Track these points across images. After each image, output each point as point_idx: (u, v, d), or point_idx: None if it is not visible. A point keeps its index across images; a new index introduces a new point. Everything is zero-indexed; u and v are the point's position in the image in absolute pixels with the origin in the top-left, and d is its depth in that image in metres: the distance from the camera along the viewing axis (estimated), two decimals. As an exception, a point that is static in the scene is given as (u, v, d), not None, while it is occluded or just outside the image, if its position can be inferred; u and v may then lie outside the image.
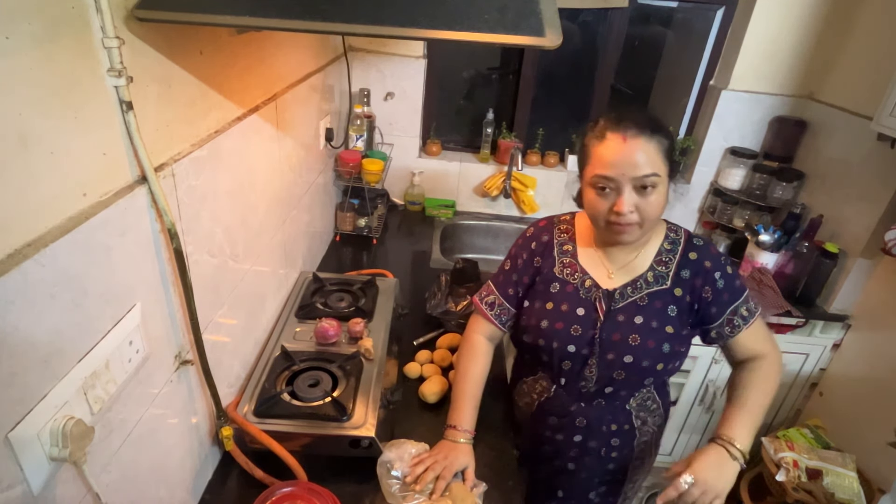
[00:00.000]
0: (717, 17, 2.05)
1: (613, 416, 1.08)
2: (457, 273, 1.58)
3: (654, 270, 1.03)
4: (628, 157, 0.90)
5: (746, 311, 1.02)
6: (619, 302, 1.02)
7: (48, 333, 0.55)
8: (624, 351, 1.00)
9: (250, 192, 1.08)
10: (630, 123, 0.91)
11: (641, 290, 1.02)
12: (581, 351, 1.03)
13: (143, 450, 0.76)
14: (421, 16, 0.59)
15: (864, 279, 1.82)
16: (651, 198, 0.92)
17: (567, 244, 1.09)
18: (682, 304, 1.01)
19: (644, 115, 0.93)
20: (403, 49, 2.01)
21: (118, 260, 0.65)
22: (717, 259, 1.02)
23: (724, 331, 1.03)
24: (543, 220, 1.15)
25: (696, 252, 1.02)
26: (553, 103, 2.30)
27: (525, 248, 1.12)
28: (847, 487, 1.63)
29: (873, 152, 1.72)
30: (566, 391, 1.08)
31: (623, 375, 1.02)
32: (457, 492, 0.96)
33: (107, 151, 0.62)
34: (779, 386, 1.04)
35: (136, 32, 0.65)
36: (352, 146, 1.89)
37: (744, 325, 1.02)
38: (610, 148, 0.91)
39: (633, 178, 0.91)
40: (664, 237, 1.05)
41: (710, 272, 1.00)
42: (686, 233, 1.06)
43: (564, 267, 1.07)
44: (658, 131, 0.91)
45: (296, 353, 1.18)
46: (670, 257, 1.03)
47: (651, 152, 0.90)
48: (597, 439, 1.10)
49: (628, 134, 0.90)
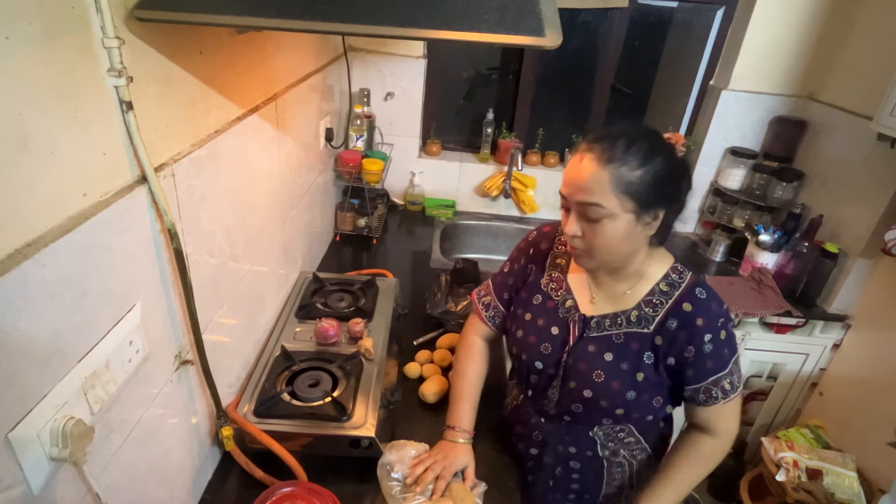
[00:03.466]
0: (717, 17, 2.05)
1: (574, 439, 1.04)
2: (457, 273, 1.58)
3: (640, 310, 0.94)
4: (576, 179, 0.84)
5: (729, 384, 0.92)
6: (594, 331, 0.96)
7: (48, 333, 0.55)
8: (585, 384, 0.95)
9: (250, 192, 1.08)
10: (599, 146, 0.83)
11: (621, 326, 0.95)
12: (548, 370, 1.00)
13: (143, 450, 0.76)
14: (420, 16, 0.59)
15: (864, 279, 1.82)
16: (598, 228, 0.85)
17: (561, 258, 1.04)
18: (659, 353, 0.92)
19: (625, 141, 0.82)
20: (403, 49, 2.01)
21: (118, 260, 0.65)
22: (714, 319, 0.90)
23: (699, 397, 0.94)
24: (548, 227, 1.09)
25: (692, 304, 0.90)
26: (553, 103, 2.31)
27: (524, 253, 1.10)
28: (847, 487, 1.63)
29: (873, 152, 1.71)
30: (532, 402, 1.08)
31: (581, 409, 0.98)
32: (457, 492, 0.96)
33: (107, 151, 0.62)
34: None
35: (136, 32, 0.65)
36: (352, 146, 1.89)
37: (722, 399, 0.93)
38: (569, 164, 0.87)
39: (576, 203, 0.86)
40: (663, 277, 0.94)
41: (700, 332, 0.89)
42: (692, 279, 0.93)
43: (551, 280, 1.03)
44: (625, 162, 0.81)
45: (296, 353, 1.18)
46: (661, 300, 0.93)
47: (601, 182, 0.82)
48: (552, 457, 1.06)
49: (587, 155, 0.83)
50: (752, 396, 2.09)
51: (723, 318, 0.91)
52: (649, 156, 0.82)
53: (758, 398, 2.09)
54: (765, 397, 2.08)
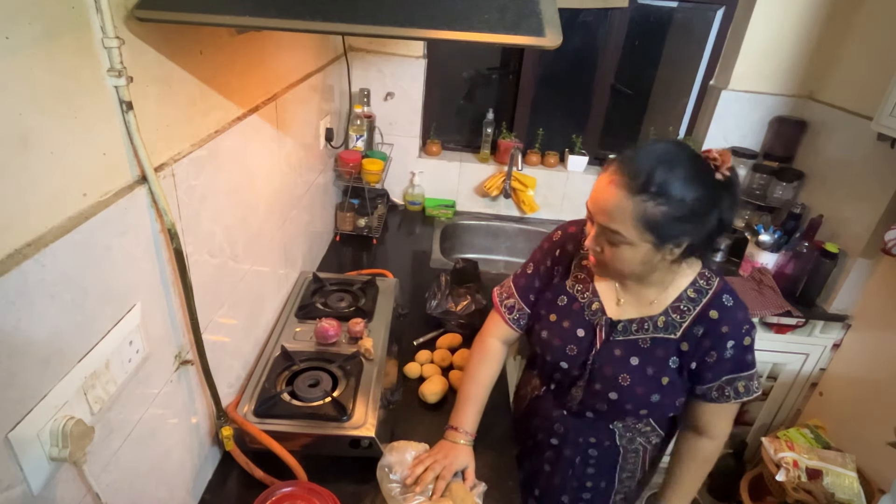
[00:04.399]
0: (717, 17, 2.05)
1: (594, 431, 1.07)
2: (457, 273, 1.58)
3: (667, 316, 0.94)
4: (600, 201, 0.85)
5: (744, 388, 0.94)
6: (620, 335, 0.97)
7: (48, 333, 0.55)
8: (611, 387, 0.97)
9: (250, 192, 1.08)
10: (628, 168, 0.81)
11: (647, 331, 0.96)
12: (572, 371, 1.02)
13: (143, 450, 0.76)
14: (420, 16, 0.59)
15: (864, 279, 1.82)
16: (616, 251, 0.86)
17: (587, 260, 1.01)
18: (685, 359, 0.94)
19: (659, 168, 0.79)
20: (403, 49, 2.01)
21: (118, 260, 0.65)
22: (739, 327, 0.91)
23: (712, 394, 0.96)
24: (573, 227, 1.06)
25: (719, 312, 0.91)
26: (553, 103, 2.30)
27: (549, 255, 1.08)
28: (847, 487, 1.63)
29: (873, 152, 1.71)
30: (554, 397, 1.10)
31: (605, 408, 1.01)
32: (457, 492, 0.96)
33: (107, 151, 0.62)
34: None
35: (136, 32, 0.65)
36: (352, 146, 1.89)
37: (734, 399, 0.95)
38: (598, 181, 0.86)
39: (599, 224, 0.86)
40: (691, 283, 0.94)
41: (724, 338, 0.91)
42: (720, 286, 0.94)
43: (577, 282, 1.03)
44: (652, 197, 0.79)
45: (296, 353, 1.18)
46: (689, 307, 0.93)
47: (624, 212, 0.81)
48: (572, 448, 1.10)
49: (615, 179, 0.82)
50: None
51: (747, 326, 0.92)
52: (682, 189, 0.79)
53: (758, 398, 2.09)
54: (765, 397, 2.08)
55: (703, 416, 1.00)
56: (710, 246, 0.90)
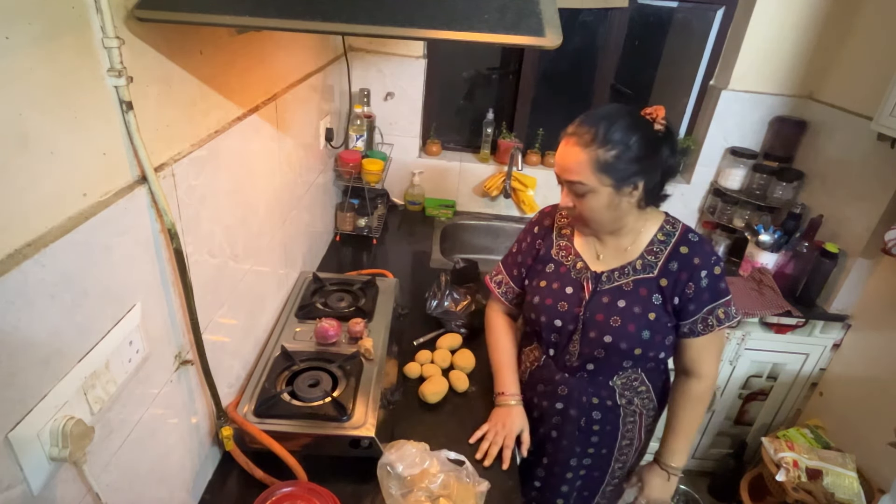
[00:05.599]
0: (717, 17, 2.05)
1: (595, 389, 1.14)
2: (457, 273, 1.58)
3: (643, 259, 1.07)
4: (563, 161, 0.99)
5: (724, 314, 1.05)
6: (606, 284, 1.08)
7: (48, 333, 0.55)
8: (605, 331, 1.06)
9: (250, 192, 1.08)
10: (579, 129, 0.96)
11: (628, 275, 1.07)
12: (567, 326, 1.11)
13: (143, 450, 0.76)
14: (420, 16, 0.59)
15: (864, 279, 1.82)
16: (584, 201, 1.00)
17: (566, 228, 1.16)
18: (666, 293, 1.05)
19: (602, 122, 0.94)
20: (403, 49, 2.01)
21: (118, 260, 0.65)
22: (708, 258, 1.04)
23: (697, 328, 1.06)
24: (549, 207, 1.22)
25: (688, 247, 1.05)
26: (553, 103, 2.30)
27: (529, 232, 1.22)
28: (847, 487, 1.63)
29: (873, 152, 1.72)
30: (554, 361, 1.17)
31: (603, 354, 1.08)
32: (457, 492, 0.96)
33: (107, 151, 0.62)
34: (709, 404, 1.11)
35: (136, 32, 0.65)
36: (352, 146, 1.89)
37: (717, 326, 1.05)
38: (559, 148, 1.00)
39: (566, 181, 1.00)
40: (659, 228, 1.08)
41: (697, 269, 1.03)
42: (684, 227, 1.08)
43: (560, 249, 1.15)
44: (601, 145, 0.94)
45: (296, 353, 1.18)
46: (661, 248, 1.06)
47: (581, 163, 0.95)
48: (577, 409, 1.16)
49: (570, 140, 0.97)
50: (752, 396, 2.09)
51: (715, 257, 1.06)
52: (624, 136, 0.94)
53: (758, 398, 2.09)
54: (765, 397, 2.08)
55: (690, 354, 1.10)
56: (662, 188, 1.03)
